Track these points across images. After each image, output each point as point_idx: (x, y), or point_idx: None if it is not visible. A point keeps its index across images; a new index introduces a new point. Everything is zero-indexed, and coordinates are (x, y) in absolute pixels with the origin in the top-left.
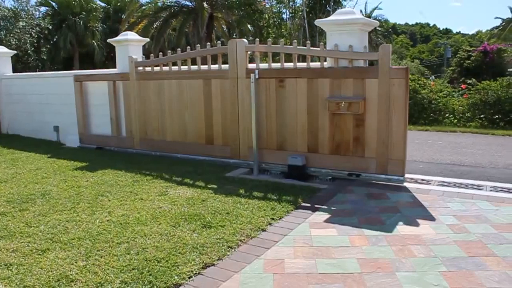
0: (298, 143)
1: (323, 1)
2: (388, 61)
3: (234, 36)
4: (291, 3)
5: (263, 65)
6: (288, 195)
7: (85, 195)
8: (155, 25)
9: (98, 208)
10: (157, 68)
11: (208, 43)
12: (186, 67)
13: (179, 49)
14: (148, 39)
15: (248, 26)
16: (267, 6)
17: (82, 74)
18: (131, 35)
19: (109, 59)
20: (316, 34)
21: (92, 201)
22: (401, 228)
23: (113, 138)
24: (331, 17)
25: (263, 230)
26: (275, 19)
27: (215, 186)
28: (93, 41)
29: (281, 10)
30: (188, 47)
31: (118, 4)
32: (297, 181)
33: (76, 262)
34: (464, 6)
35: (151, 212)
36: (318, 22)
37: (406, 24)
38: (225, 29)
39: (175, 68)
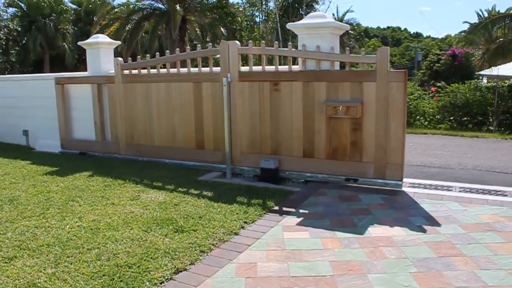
0: (293, 147)
1: (296, 5)
2: (386, 65)
3: (207, 39)
4: (264, 7)
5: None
6: (261, 198)
7: (55, 201)
8: (127, 28)
9: (69, 213)
10: (144, 71)
11: (193, 48)
12: (175, 69)
13: (167, 51)
14: (119, 42)
15: (221, 29)
16: (241, 9)
17: (63, 76)
18: (102, 38)
19: (81, 62)
20: (289, 37)
21: (62, 207)
22: (373, 230)
23: (97, 143)
24: (303, 21)
25: (236, 233)
26: (248, 22)
27: (188, 190)
28: (64, 43)
29: (254, 13)
30: (175, 51)
31: (90, 6)
32: (270, 184)
33: (44, 270)
34: (433, 11)
35: (122, 217)
36: (289, 25)
37: (378, 27)
38: (198, 32)
39: (163, 70)
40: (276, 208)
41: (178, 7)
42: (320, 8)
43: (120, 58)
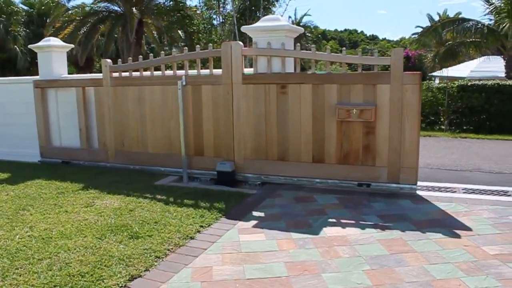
0: (301, 153)
1: (253, 8)
2: (401, 66)
3: (164, 42)
4: (221, 9)
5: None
6: (218, 202)
7: (4, 210)
8: (82, 31)
9: (19, 223)
10: (136, 73)
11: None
12: (171, 71)
13: (162, 52)
14: (72, 45)
15: (179, 32)
16: (198, 12)
17: (44, 79)
18: (54, 41)
19: (34, 65)
20: (247, 40)
21: (12, 216)
22: (328, 230)
23: (82, 151)
24: (257, 24)
25: (192, 238)
26: (205, 25)
27: (143, 195)
28: (15, 46)
29: (211, 16)
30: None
31: (43, 8)
32: (227, 187)
33: None
34: (389, 14)
35: (76, 225)
36: (244, 28)
37: (336, 30)
38: (155, 34)
39: (157, 73)
40: (233, 211)
41: (134, 10)
42: (278, 10)
43: (108, 60)
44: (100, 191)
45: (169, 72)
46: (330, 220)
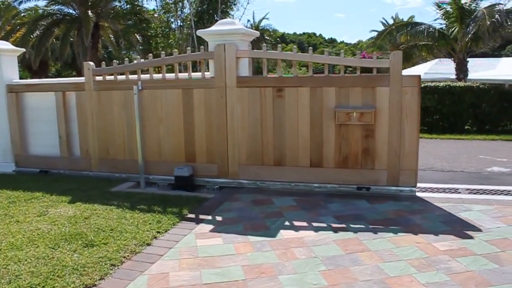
0: (299, 157)
1: (211, 11)
2: (400, 69)
3: (122, 46)
4: (179, 13)
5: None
6: (175, 207)
7: None
8: (35, 34)
9: None
10: (122, 77)
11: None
12: (159, 75)
13: (152, 54)
14: (24, 49)
15: (137, 35)
16: (156, 15)
17: (18, 83)
18: (3, 44)
19: None
20: (205, 44)
21: None
22: (285, 232)
23: (62, 159)
24: (213, 28)
25: (148, 244)
26: (163, 29)
27: (100, 202)
28: None
29: (169, 19)
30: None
31: None
32: (184, 191)
33: None
34: (347, 17)
35: (27, 235)
36: (200, 32)
37: (295, 33)
38: (112, 38)
39: (145, 76)
40: (190, 215)
41: (90, 13)
42: (236, 14)
43: (91, 63)
44: (55, 199)
45: (157, 76)
46: (287, 222)
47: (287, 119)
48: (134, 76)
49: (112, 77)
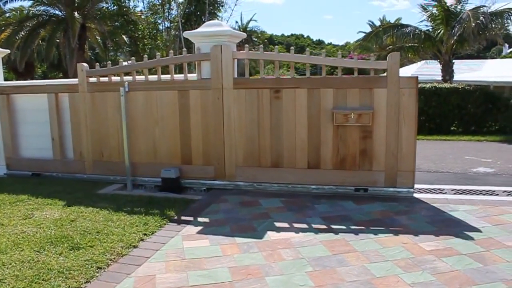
0: (296, 159)
1: (199, 13)
2: (397, 70)
3: (109, 47)
4: (166, 14)
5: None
6: (162, 209)
7: None
8: (20, 35)
9: None
10: (116, 78)
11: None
12: (155, 76)
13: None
14: (8, 51)
15: (124, 37)
16: (143, 17)
17: (9, 85)
18: None
19: None
20: (193, 45)
21: None
22: (272, 233)
23: (55, 162)
24: (199, 29)
25: (135, 246)
26: (150, 30)
27: (86, 204)
28: None
29: (157, 21)
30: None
31: None
32: (172, 193)
33: None
34: (335, 19)
35: (12, 238)
36: (186, 34)
37: (283, 35)
38: (99, 40)
39: (140, 78)
40: (177, 217)
41: (76, 14)
42: (223, 16)
43: (85, 64)
44: (40, 202)
45: (152, 77)
46: (274, 223)
47: (284, 121)
48: (129, 78)
49: (106, 79)
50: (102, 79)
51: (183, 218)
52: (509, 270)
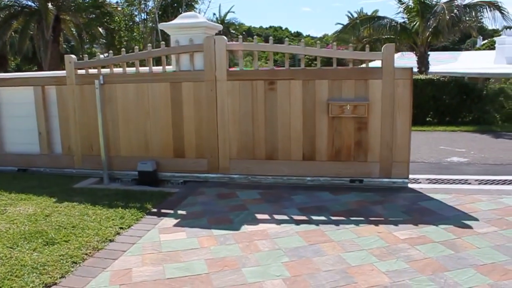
0: (291, 151)
1: (176, 4)
2: (393, 62)
3: (85, 40)
4: (143, 6)
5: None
6: (139, 202)
7: None
8: None
9: None
10: (105, 70)
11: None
12: (146, 68)
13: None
14: None
15: (99, 29)
16: (119, 9)
17: None
18: None
19: None
20: (169, 37)
21: None
22: (248, 225)
23: (42, 157)
24: (175, 21)
25: (111, 240)
26: (127, 22)
27: (61, 199)
28: None
29: (133, 12)
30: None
31: None
32: (149, 187)
33: None
34: (313, 11)
35: None
36: (162, 26)
37: (261, 27)
38: (74, 32)
39: (130, 69)
40: (154, 210)
41: (50, 5)
42: (201, 7)
43: (73, 56)
44: (14, 197)
45: (144, 69)
46: (251, 215)
47: (279, 112)
48: (119, 70)
49: (95, 71)
50: (91, 71)
51: (160, 211)
52: (479, 256)
